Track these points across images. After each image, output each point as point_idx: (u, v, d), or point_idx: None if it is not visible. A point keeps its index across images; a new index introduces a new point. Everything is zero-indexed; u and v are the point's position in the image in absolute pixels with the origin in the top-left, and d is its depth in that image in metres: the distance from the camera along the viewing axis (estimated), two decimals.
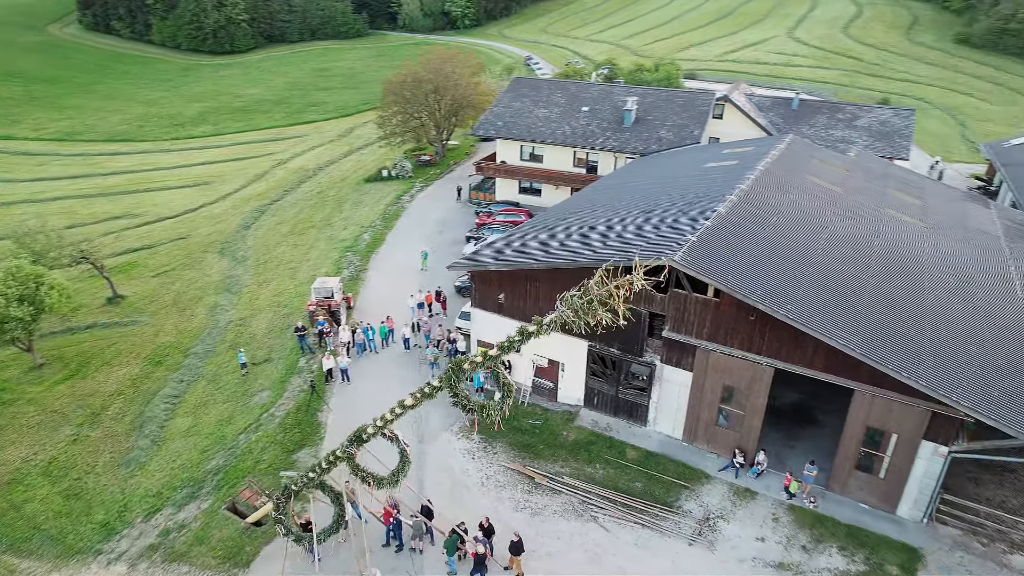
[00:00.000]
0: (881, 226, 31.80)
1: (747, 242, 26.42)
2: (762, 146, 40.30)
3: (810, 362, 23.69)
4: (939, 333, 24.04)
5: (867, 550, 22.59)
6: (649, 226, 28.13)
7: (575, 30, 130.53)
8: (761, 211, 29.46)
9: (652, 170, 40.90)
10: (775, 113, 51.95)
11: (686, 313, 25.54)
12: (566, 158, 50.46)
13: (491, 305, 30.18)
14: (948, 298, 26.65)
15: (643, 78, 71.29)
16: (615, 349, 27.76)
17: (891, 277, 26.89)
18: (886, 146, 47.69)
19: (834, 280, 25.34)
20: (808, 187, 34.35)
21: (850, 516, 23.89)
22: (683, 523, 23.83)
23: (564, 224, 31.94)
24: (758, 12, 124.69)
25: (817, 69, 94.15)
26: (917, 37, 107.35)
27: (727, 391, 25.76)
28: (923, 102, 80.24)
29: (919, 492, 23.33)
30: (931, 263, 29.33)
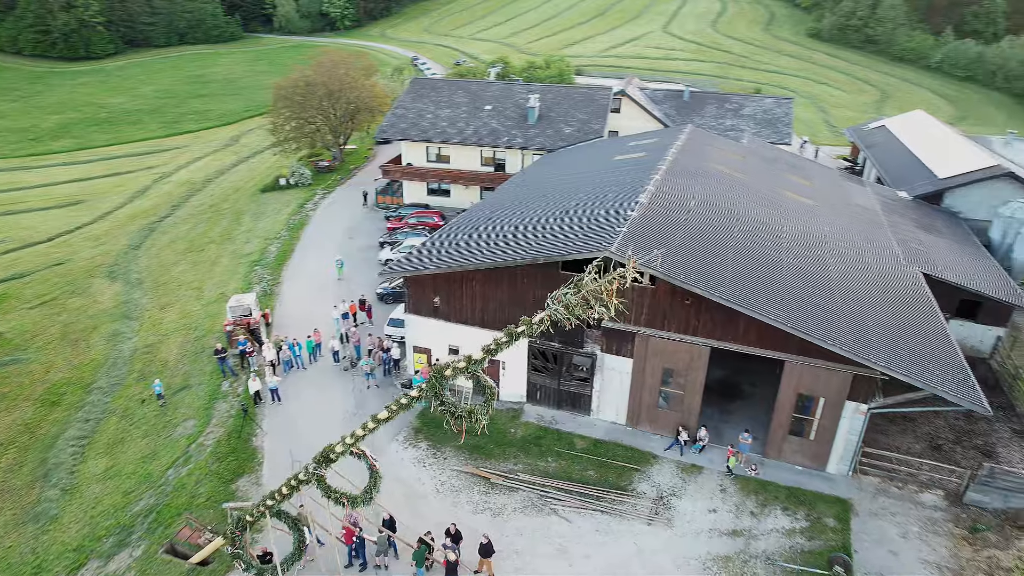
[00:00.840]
0: (783, 207, 34.27)
1: (672, 229, 27.65)
2: (665, 137, 42.22)
3: (743, 339, 25.18)
4: (848, 302, 26.25)
5: (806, 507, 24.37)
6: (579, 220, 28.75)
7: (458, 29, 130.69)
8: (678, 199, 30.89)
9: (564, 166, 41.77)
10: (668, 105, 54.52)
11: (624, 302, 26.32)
12: (473, 157, 50.53)
13: (426, 310, 29.77)
14: (849, 270, 29.14)
15: (536, 75, 72.57)
16: (556, 343, 28.21)
17: (800, 254, 29.04)
18: (771, 132, 51.33)
19: (755, 260, 27.04)
20: (714, 174, 36.37)
21: (788, 478, 25.65)
22: (639, 504, 24.65)
23: (492, 223, 32.00)
24: (633, 9, 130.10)
25: (693, 62, 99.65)
26: (775, 32, 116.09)
27: (667, 373, 26.88)
28: (788, 91, 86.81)
29: (844, 449, 25.44)
30: (830, 239, 31.95)
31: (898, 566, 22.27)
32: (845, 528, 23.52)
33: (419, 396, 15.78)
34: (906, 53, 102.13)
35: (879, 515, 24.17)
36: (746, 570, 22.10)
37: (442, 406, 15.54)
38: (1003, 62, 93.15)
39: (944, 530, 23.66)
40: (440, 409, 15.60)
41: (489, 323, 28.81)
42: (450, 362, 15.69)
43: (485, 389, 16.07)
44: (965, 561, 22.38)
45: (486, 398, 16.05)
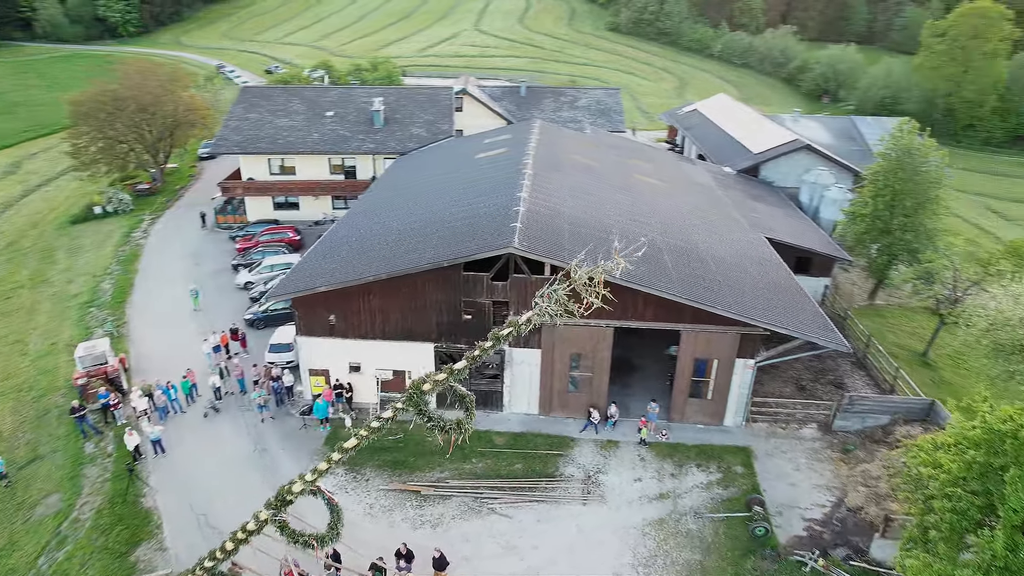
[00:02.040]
0: (641, 190, 36.90)
1: (558, 220, 28.71)
2: (518, 133, 43.44)
3: (643, 315, 26.90)
4: (721, 270, 29.03)
5: (716, 460, 26.73)
6: (469, 220, 28.81)
7: (262, 34, 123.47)
8: (553, 191, 32.08)
9: (424, 167, 41.44)
10: (508, 101, 56.04)
11: (528, 295, 26.95)
12: (321, 166, 48.38)
13: (321, 329, 28.22)
14: (711, 241, 32.17)
15: (364, 78, 70.85)
16: (463, 344, 28.12)
17: (668, 231, 31.52)
18: (606, 121, 54.77)
19: (635, 241, 28.84)
20: (575, 165, 38.21)
21: (694, 437, 27.91)
22: (571, 487, 25.49)
23: (372, 231, 31.02)
24: (439, 10, 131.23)
25: (509, 58, 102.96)
26: (578, 27, 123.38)
27: (574, 358, 27.95)
28: (601, 81, 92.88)
29: (738, 403, 28.22)
30: (687, 215, 35.00)
31: (798, 494, 25.22)
32: (751, 472, 26.15)
33: (394, 416, 15.09)
34: (693, 44, 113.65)
35: (773, 455, 27.17)
36: (680, 528, 23.80)
37: (430, 421, 14.99)
38: (768, 51, 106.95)
39: (824, 456, 27.18)
40: (429, 425, 15.04)
41: (391, 334, 28.02)
42: (427, 376, 15.16)
43: (463, 398, 15.73)
44: (845, 478, 25.90)
45: (465, 407, 15.73)
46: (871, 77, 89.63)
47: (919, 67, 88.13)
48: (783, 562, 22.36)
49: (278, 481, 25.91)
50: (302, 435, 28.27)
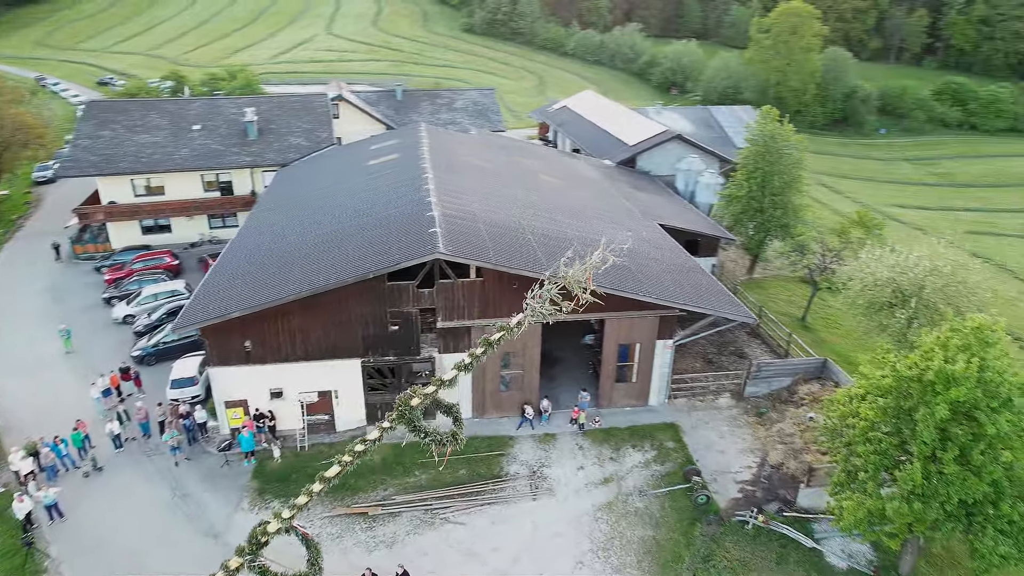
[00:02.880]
0: (539, 187, 37.71)
1: (471, 222, 28.69)
2: (406, 138, 42.78)
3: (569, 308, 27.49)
4: (634, 259, 30.36)
5: (648, 439, 28.02)
6: (381, 229, 28.06)
7: (85, 41, 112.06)
8: (459, 193, 32.00)
9: (314, 178, 39.73)
10: (384, 106, 54.97)
11: (455, 300, 26.76)
12: (194, 184, 44.92)
13: (236, 357, 26.30)
14: (616, 231, 33.54)
15: (221, 87, 66.49)
16: (391, 356, 27.38)
17: (576, 224, 32.48)
18: (485, 122, 55.28)
19: (548, 237, 29.51)
20: (470, 166, 38.31)
21: (624, 420, 29.05)
22: (518, 485, 25.67)
23: (278, 249, 29.35)
24: (287, 13, 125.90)
25: (369, 62, 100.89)
26: (433, 28, 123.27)
27: (505, 358, 28.12)
28: (464, 83, 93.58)
29: (660, 382, 29.72)
30: (588, 207, 36.24)
31: (727, 460, 27.06)
32: (682, 446, 27.68)
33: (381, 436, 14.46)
34: (547, 43, 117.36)
35: (698, 427, 28.92)
36: (628, 508, 24.74)
37: (426, 436, 14.48)
38: (618, 48, 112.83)
39: (742, 422, 29.35)
40: (426, 440, 14.52)
41: (314, 354, 26.71)
42: (414, 390, 14.66)
43: (451, 409, 15.35)
44: (764, 439, 28.14)
45: (454, 416, 15.36)
46: (713, 70, 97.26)
47: (750, 60, 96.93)
48: (727, 524, 23.94)
49: (208, 526, 24.14)
50: (225, 473, 26.24)
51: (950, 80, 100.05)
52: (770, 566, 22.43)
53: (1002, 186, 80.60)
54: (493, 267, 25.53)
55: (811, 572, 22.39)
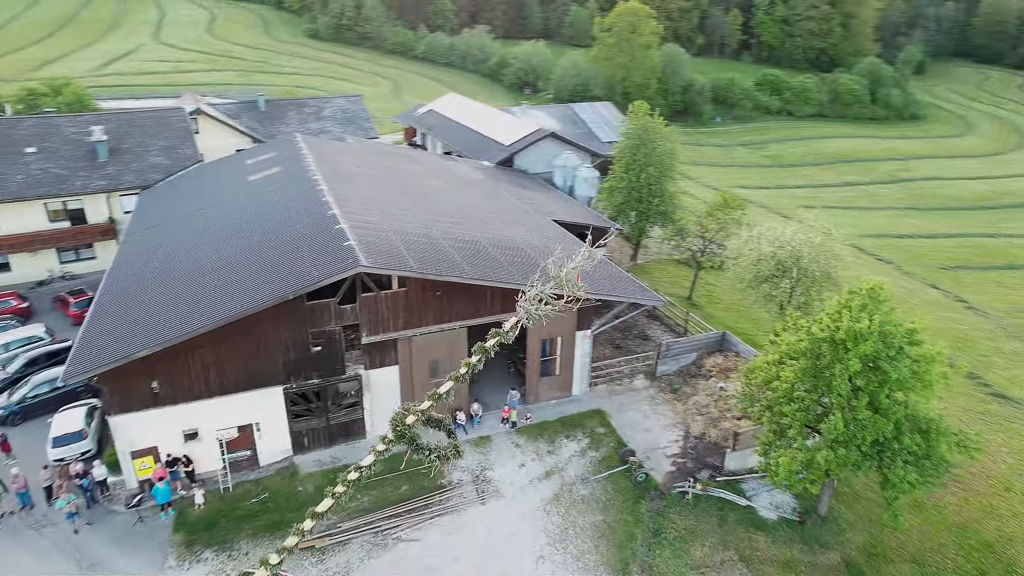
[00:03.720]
0: (426, 191, 37.44)
1: (382, 231, 28.01)
2: (284, 150, 40.72)
3: (492, 310, 27.72)
4: (542, 254, 31.05)
5: (579, 428, 28.89)
6: (292, 247, 26.60)
7: None
8: (357, 204, 31.04)
9: (189, 198, 36.68)
10: (248, 118, 51.82)
11: (379, 313, 25.99)
12: (35, 214, 39.74)
13: (141, 401, 23.79)
14: (519, 230, 34.14)
15: (41, 104, 59.14)
16: (315, 379, 26.06)
17: (480, 226, 32.68)
18: (357, 129, 53.82)
19: (459, 241, 29.50)
20: (359, 174, 37.28)
21: (553, 413, 29.73)
22: (464, 492, 25.50)
23: (171, 277, 26.88)
24: (103, 20, 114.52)
25: (211, 72, 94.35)
26: (276, 35, 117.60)
27: (433, 367, 27.73)
28: (317, 90, 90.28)
29: (581, 372, 30.73)
30: (485, 209, 36.55)
31: (655, 437, 28.58)
32: (611, 430, 28.83)
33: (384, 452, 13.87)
34: (396, 47, 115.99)
35: (623, 410, 30.25)
36: (575, 497, 25.41)
37: (429, 453, 14.01)
38: (468, 49, 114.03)
39: (660, 400, 31.09)
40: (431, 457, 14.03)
41: (231, 387, 24.82)
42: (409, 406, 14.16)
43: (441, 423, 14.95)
44: (683, 413, 30.02)
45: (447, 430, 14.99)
46: (562, 68, 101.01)
47: (596, 58, 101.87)
48: (668, 497, 25.32)
49: None
50: (140, 531, 23.67)
51: (767, 72, 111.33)
52: (714, 529, 24.05)
53: (820, 164, 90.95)
54: (419, 276, 25.10)
55: (749, 528, 24.29)
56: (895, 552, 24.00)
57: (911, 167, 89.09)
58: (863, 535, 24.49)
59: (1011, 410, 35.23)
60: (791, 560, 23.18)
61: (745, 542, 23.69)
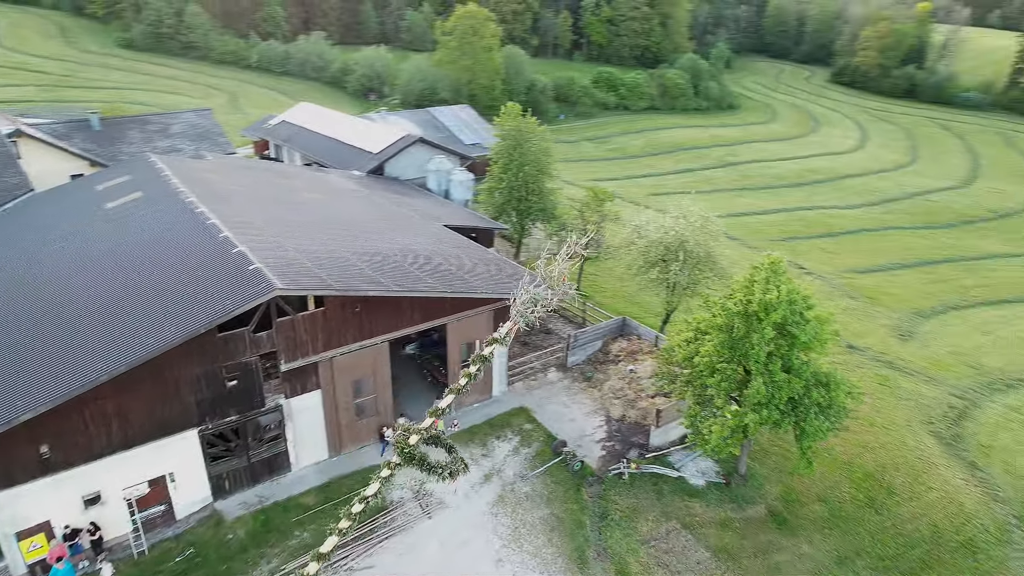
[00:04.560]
0: (314, 205, 35.87)
1: (283, 250, 26.48)
2: (139, 172, 36.95)
3: (412, 321, 27.16)
4: (443, 260, 30.97)
5: (507, 428, 29.16)
6: (188, 277, 24.30)
7: None
8: (244, 223, 29.05)
9: (33, 231, 32.11)
10: (80, 138, 46.25)
11: (297, 337, 24.52)
12: None
13: (27, 471, 20.62)
14: (416, 238, 33.68)
15: None
16: (232, 416, 24.05)
17: (378, 237, 31.85)
18: (211, 145, 49.98)
19: (368, 254, 28.61)
20: (231, 192, 34.82)
21: (479, 416, 29.73)
22: (409, 510, 24.84)
23: (47, 324, 23.47)
24: None
25: (6, 88, 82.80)
26: (82, 45, 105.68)
27: (357, 386, 26.65)
28: (148, 105, 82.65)
29: (499, 373, 30.97)
30: (376, 219, 35.64)
31: (580, 426, 29.54)
32: (538, 425, 29.39)
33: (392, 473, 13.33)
34: (227, 56, 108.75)
35: (544, 405, 30.92)
36: (517, 496, 25.66)
37: (439, 470, 13.60)
38: (306, 57, 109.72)
39: (577, 389, 32.17)
40: (443, 473, 13.61)
41: (137, 438, 22.27)
42: (410, 427, 13.68)
43: (439, 439, 14.59)
44: (601, 399, 31.29)
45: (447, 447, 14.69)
46: (407, 73, 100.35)
47: (440, 62, 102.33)
48: (606, 481, 26.34)
49: None
50: None
51: (602, 70, 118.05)
52: (654, 503, 25.40)
53: (658, 154, 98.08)
54: (340, 293, 24.01)
55: (684, 496, 25.93)
56: (805, 495, 26.80)
57: (737, 152, 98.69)
58: (778, 486, 27.07)
59: (859, 357, 40.48)
60: (726, 519, 25.10)
61: (683, 510, 25.28)
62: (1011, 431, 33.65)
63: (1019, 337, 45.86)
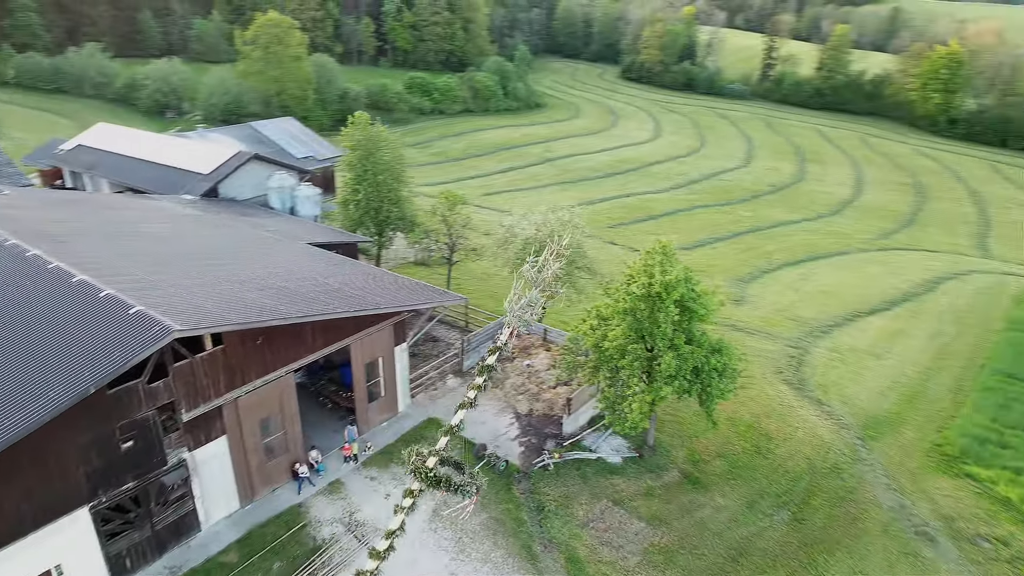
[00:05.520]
0: (159, 237, 32.32)
1: (162, 289, 23.76)
2: None
3: (315, 347, 25.63)
4: (334, 278, 29.55)
5: (422, 441, 28.46)
6: (64, 331, 20.86)
7: None
8: (95, 261, 25.58)
9: None
10: None
11: (197, 381, 22.09)
12: None
13: None
14: (294, 260, 31.70)
15: None
16: (130, 482, 21.10)
17: (249, 263, 29.55)
18: (2, 179, 42.70)
19: (255, 280, 26.53)
20: (68, 229, 30.38)
21: (391, 435, 28.88)
22: (345, 545, 23.55)
23: None
24: None
25: None
26: None
27: (264, 425, 24.62)
28: None
29: (403, 387, 30.27)
30: (238, 244, 33.01)
31: (493, 427, 29.84)
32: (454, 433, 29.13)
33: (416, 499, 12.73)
34: None
35: (452, 411, 30.59)
36: (451, 507, 25.36)
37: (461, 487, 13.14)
38: (82, 72, 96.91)
39: None
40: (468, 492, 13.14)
41: (13, 532, 18.77)
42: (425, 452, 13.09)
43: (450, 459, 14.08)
44: (505, 398, 31.82)
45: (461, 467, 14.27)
46: (208, 87, 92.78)
47: (244, 73, 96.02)
48: (533, 475, 26.94)
49: None
50: None
51: (414, 76, 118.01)
52: (582, 487, 26.49)
53: (481, 155, 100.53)
54: (243, 326, 22.01)
55: (606, 476, 27.33)
56: (706, 454, 29.52)
57: (553, 148, 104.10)
58: (682, 450, 29.52)
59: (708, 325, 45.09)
60: (649, 489, 26.90)
61: (609, 488, 26.66)
62: (836, 368, 39.57)
63: (819, 290, 53.79)
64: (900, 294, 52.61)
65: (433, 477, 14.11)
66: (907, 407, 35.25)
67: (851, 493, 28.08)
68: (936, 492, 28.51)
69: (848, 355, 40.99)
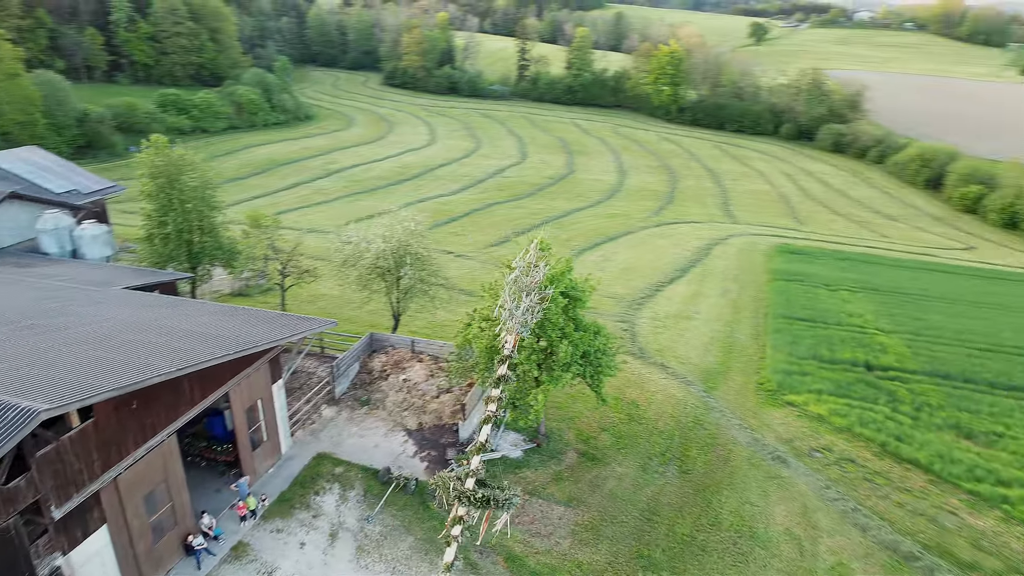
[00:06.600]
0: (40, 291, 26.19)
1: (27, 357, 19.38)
2: None
3: (194, 400, 22.65)
4: (161, 337, 26.27)
5: (320, 479, 26.76)
6: None
7: None
8: None
9: None
10: None
11: (67, 467, 18.37)
12: None
13: None
14: (112, 311, 27.48)
15: None
16: None
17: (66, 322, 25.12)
18: None
19: (102, 338, 22.63)
20: None
21: (282, 481, 26.54)
22: None
23: None
24: None
25: None
26: None
27: (149, 500, 21.20)
28: None
29: (283, 427, 27.90)
30: (39, 304, 27.74)
31: (388, 449, 28.79)
32: (348, 464, 27.70)
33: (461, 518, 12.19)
34: None
35: (341, 443, 29.04)
36: (373, 539, 24.22)
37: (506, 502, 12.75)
38: None
39: (360, 415, 30.96)
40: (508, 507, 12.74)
41: None
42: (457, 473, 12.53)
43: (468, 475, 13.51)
44: (389, 417, 30.82)
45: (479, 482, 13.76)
46: None
47: None
48: (443, 487, 26.59)
49: None
50: None
51: (165, 93, 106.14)
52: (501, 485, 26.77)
53: (261, 173, 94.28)
54: (113, 393, 18.74)
55: (514, 471, 27.95)
56: (593, 431, 31.54)
57: (335, 159, 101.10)
58: (571, 432, 31.18)
59: None
60: (556, 474, 28.08)
61: (521, 483, 27.33)
62: (663, 333, 44.43)
63: (621, 268, 59.63)
64: (687, 261, 60.38)
65: (481, 498, 13.64)
66: (728, 357, 40.87)
67: (715, 439, 32.01)
68: (773, 421, 33.66)
69: (668, 321, 46.17)
